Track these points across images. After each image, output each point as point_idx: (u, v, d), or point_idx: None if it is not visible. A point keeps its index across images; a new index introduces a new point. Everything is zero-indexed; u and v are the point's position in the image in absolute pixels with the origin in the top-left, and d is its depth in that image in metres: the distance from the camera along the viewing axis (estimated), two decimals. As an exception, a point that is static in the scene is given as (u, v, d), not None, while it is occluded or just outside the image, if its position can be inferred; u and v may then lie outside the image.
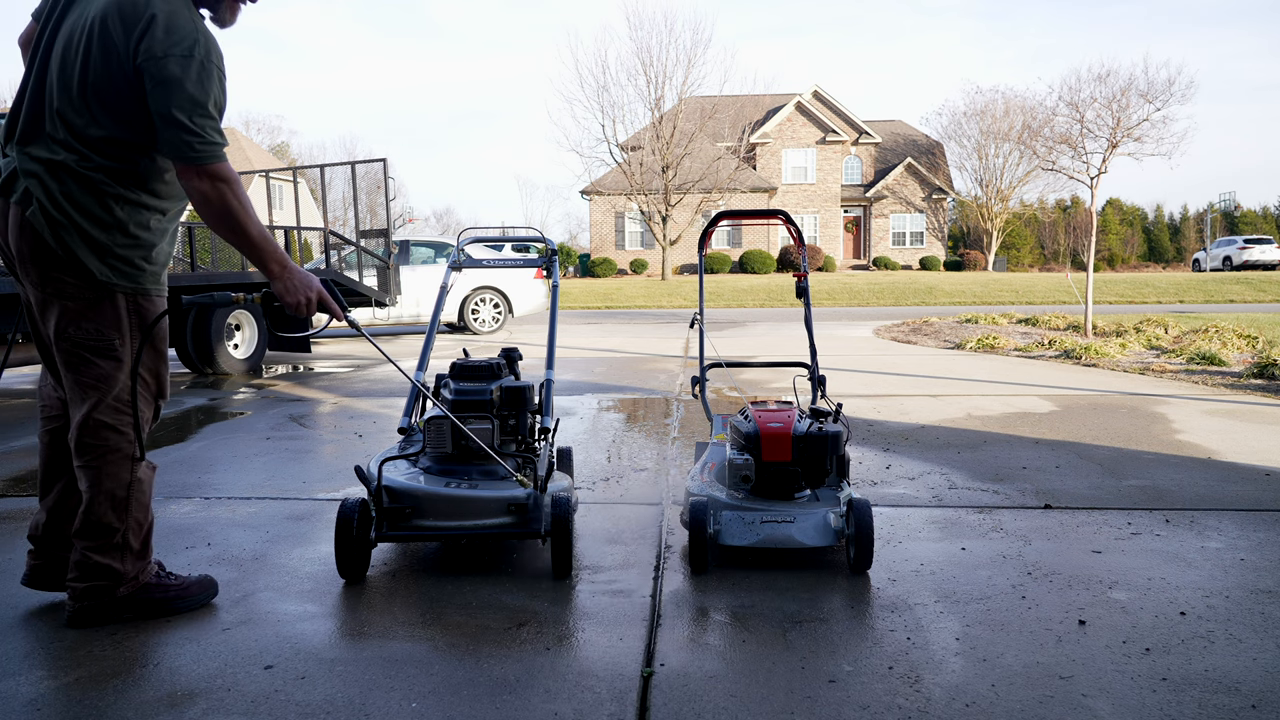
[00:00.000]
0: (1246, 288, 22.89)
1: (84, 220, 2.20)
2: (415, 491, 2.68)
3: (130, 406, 2.30)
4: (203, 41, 2.17)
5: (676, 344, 10.67)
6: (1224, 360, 7.58)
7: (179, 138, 2.15)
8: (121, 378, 2.29)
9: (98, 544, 2.29)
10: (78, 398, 2.28)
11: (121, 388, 2.28)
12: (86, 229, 2.20)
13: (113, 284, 2.25)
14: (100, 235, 2.22)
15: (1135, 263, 53.78)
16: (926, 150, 45.19)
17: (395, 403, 6.19)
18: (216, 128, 2.21)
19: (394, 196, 40.13)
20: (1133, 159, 11.74)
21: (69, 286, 2.23)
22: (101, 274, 2.23)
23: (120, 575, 2.33)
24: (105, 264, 2.23)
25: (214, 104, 2.20)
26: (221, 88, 2.23)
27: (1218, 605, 2.42)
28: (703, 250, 4.04)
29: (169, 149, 2.18)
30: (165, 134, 2.16)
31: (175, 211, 2.40)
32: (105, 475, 2.27)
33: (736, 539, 2.71)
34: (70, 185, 2.19)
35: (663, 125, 34.91)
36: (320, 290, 2.36)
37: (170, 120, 2.14)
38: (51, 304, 2.25)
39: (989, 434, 4.83)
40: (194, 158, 2.17)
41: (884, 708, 1.89)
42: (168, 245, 2.40)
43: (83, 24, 2.19)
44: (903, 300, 21.57)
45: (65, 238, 2.19)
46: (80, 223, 2.20)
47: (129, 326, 2.29)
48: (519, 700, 1.93)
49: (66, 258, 2.20)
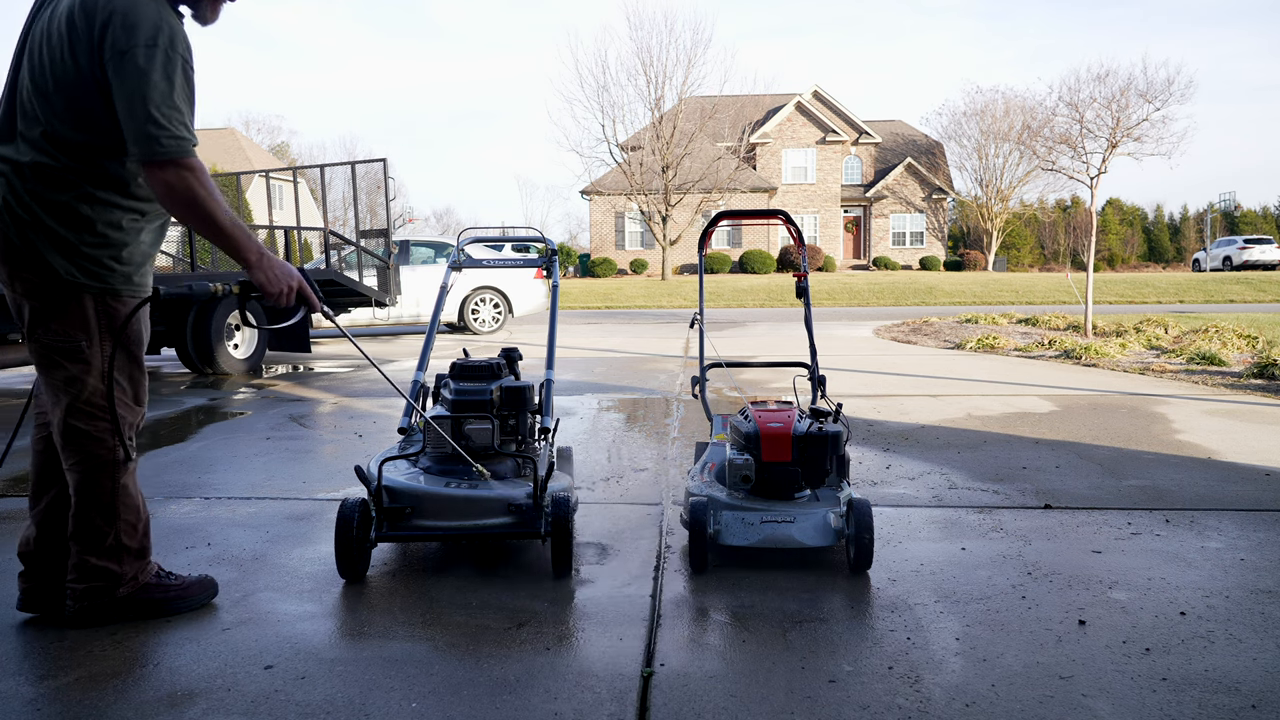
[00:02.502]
0: (1246, 288, 22.89)
1: (50, 219, 2.15)
2: (415, 491, 2.68)
3: (105, 410, 2.23)
4: (166, 31, 2.10)
5: (676, 344, 10.67)
6: (1224, 360, 7.58)
7: (145, 131, 2.07)
8: (90, 381, 2.22)
9: (92, 547, 2.27)
10: (52, 400, 2.25)
11: (91, 391, 2.22)
12: (53, 227, 2.15)
13: (79, 283, 2.18)
14: (66, 234, 2.16)
15: (1135, 263, 53.77)
16: (926, 150, 45.19)
17: (395, 403, 6.19)
18: (184, 121, 2.12)
19: (394, 196, 40.14)
20: (1132, 159, 11.76)
21: (35, 286, 2.18)
22: (67, 273, 2.17)
23: (118, 576, 2.31)
24: (71, 263, 2.17)
25: (180, 95, 2.11)
26: (187, 79, 2.15)
27: (1218, 605, 2.42)
28: (703, 250, 4.04)
29: (135, 144, 2.09)
30: (130, 127, 2.08)
31: (156, 212, 2.31)
32: (87, 479, 2.25)
33: (736, 539, 2.71)
34: (36, 184, 2.14)
35: (663, 125, 34.91)
36: (300, 280, 2.31)
37: (134, 114, 2.06)
38: (21, 304, 2.22)
39: (989, 434, 4.83)
40: (161, 153, 2.08)
41: (884, 708, 1.89)
42: (146, 246, 2.32)
43: (53, 23, 2.15)
44: (903, 300, 21.57)
45: (31, 236, 2.15)
46: (46, 221, 2.14)
47: (98, 328, 2.22)
48: (519, 700, 1.93)
49: (32, 256, 2.16)
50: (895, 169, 42.77)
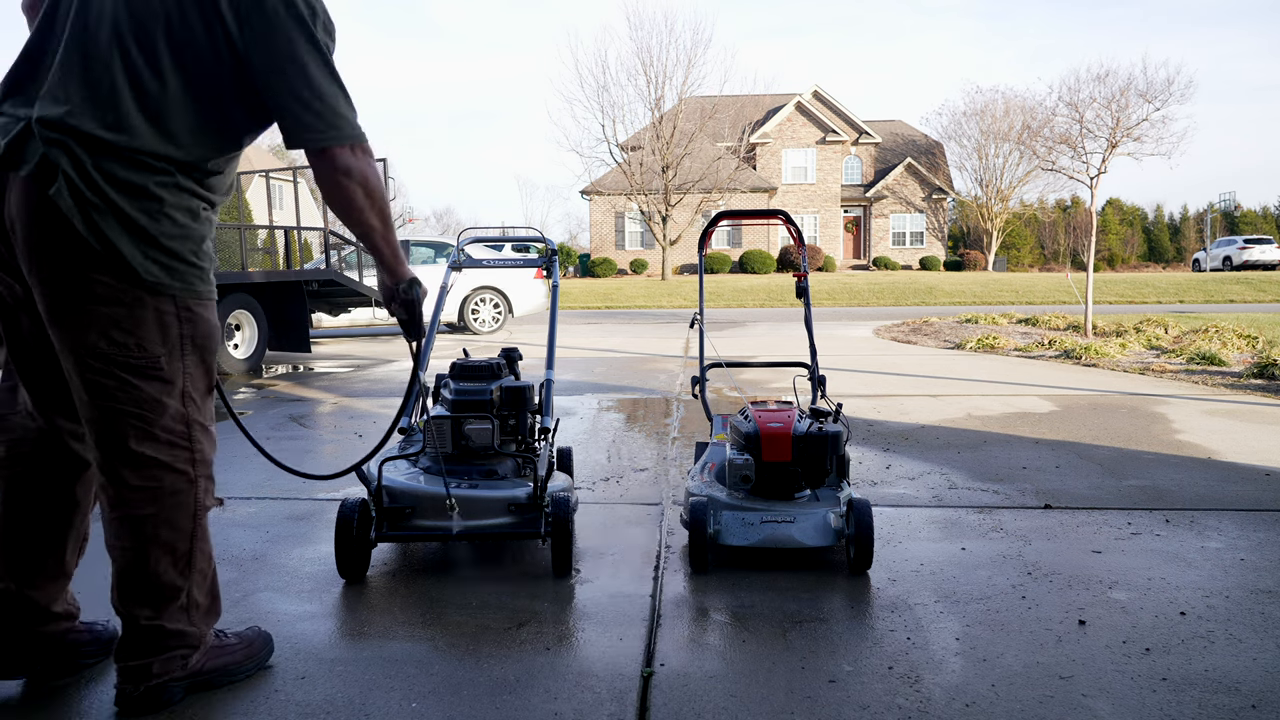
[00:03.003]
0: (1246, 288, 22.89)
1: (126, 201, 1.74)
2: (415, 491, 2.68)
3: (187, 438, 1.87)
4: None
5: (676, 344, 10.67)
6: (1224, 360, 7.58)
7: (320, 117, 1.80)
8: (171, 403, 1.84)
9: (162, 607, 1.87)
10: (108, 431, 1.80)
11: (173, 415, 1.84)
12: (129, 213, 1.74)
13: (160, 284, 1.79)
14: (146, 221, 1.76)
15: (1135, 263, 53.77)
16: (926, 150, 45.20)
17: (395, 403, 6.19)
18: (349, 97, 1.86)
19: (394, 196, 40.12)
20: (1132, 159, 11.76)
21: (101, 288, 1.75)
22: (147, 272, 1.77)
23: (198, 639, 1.93)
24: (151, 259, 1.77)
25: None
26: None
27: (1218, 605, 2.42)
28: (703, 250, 4.03)
29: (300, 132, 1.81)
30: (293, 111, 1.80)
31: (220, 207, 1.98)
32: (161, 524, 1.84)
33: (736, 539, 2.71)
34: (109, 161, 1.73)
35: (663, 125, 34.92)
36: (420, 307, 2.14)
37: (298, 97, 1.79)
38: (69, 309, 1.76)
39: (989, 434, 4.83)
40: (349, 135, 1.84)
41: (884, 708, 1.89)
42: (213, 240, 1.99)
43: None
44: (903, 300, 21.57)
45: (101, 224, 1.72)
46: (121, 205, 1.73)
47: (178, 338, 1.83)
48: (519, 700, 1.93)
49: (103, 251, 1.73)
50: (895, 169, 42.78)
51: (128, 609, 1.86)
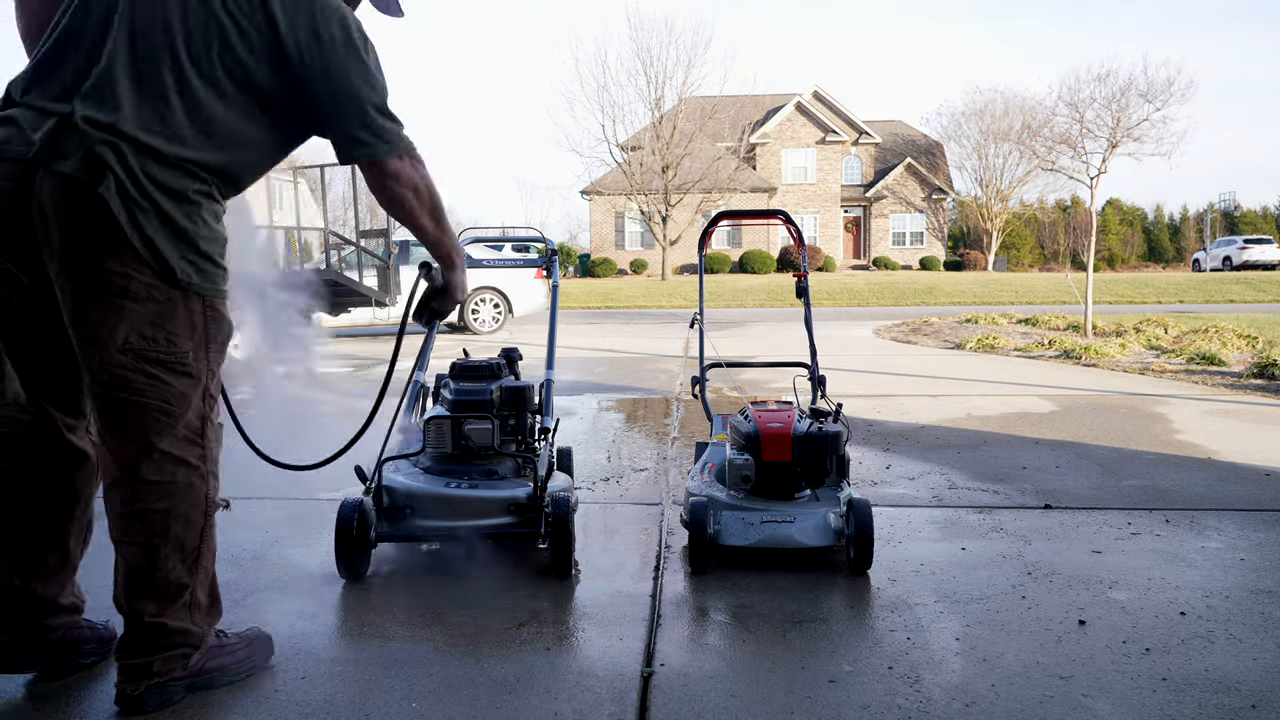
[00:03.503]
0: (1246, 288, 22.89)
1: (169, 203, 1.78)
2: (415, 491, 2.68)
3: (202, 436, 1.90)
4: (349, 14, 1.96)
5: (676, 344, 10.67)
6: (1224, 360, 7.58)
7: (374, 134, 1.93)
8: (195, 400, 1.87)
9: (168, 604, 1.88)
10: (131, 427, 1.81)
11: (195, 412, 1.87)
12: (171, 215, 1.78)
13: (191, 284, 1.83)
14: (185, 223, 1.80)
15: (1135, 263, 53.77)
16: (926, 150, 45.21)
17: (393, 402, 6.17)
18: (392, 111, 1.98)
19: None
20: (1132, 159, 11.76)
21: (137, 285, 1.77)
22: (182, 272, 1.80)
23: (199, 638, 1.94)
24: (186, 259, 1.81)
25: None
26: None
27: (1218, 605, 2.42)
28: (703, 250, 4.03)
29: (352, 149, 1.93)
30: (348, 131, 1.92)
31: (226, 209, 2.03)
32: (174, 521, 1.85)
33: (736, 539, 2.71)
34: (155, 165, 1.77)
35: (663, 125, 34.94)
36: None
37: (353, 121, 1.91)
38: (101, 304, 1.77)
39: (989, 434, 4.83)
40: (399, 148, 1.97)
41: (884, 708, 1.89)
42: None
43: None
44: (903, 300, 21.57)
45: (144, 223, 1.75)
46: (165, 206, 1.77)
47: (204, 336, 1.88)
48: (519, 700, 1.93)
49: (144, 248, 1.75)
50: (895, 169, 42.79)
51: (132, 605, 1.86)
